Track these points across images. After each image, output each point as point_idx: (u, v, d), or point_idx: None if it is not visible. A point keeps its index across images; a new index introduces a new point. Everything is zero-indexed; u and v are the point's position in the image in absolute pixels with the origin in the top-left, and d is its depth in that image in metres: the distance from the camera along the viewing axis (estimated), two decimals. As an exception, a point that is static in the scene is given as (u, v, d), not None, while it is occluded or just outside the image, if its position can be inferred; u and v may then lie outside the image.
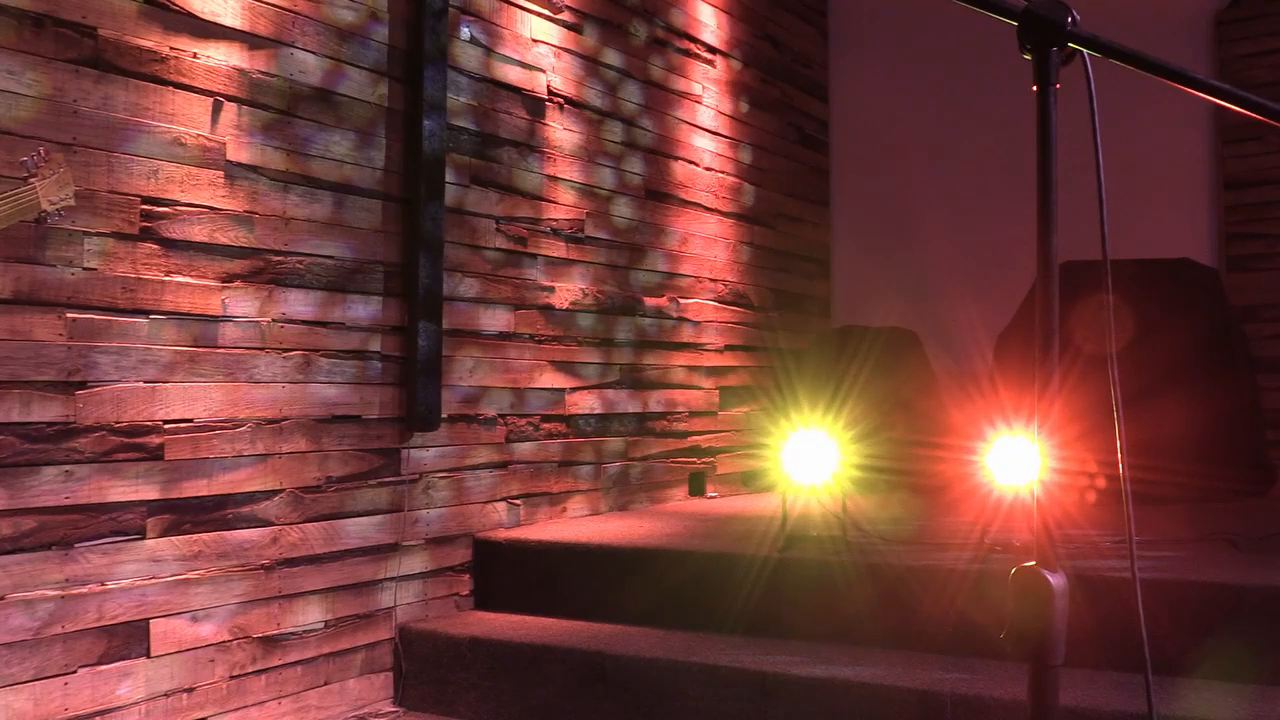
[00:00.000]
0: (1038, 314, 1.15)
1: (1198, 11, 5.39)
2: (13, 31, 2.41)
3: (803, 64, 5.94)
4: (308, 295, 3.07)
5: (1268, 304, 5.17)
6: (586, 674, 2.98)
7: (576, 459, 4.09)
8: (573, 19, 4.17)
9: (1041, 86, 1.15)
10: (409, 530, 3.36)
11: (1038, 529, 1.15)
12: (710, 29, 5.08)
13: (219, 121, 2.84)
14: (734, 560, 3.17)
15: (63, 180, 1.80)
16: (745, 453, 5.13)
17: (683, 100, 4.83)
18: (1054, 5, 1.13)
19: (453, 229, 3.53)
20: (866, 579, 2.98)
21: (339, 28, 3.19)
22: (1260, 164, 5.23)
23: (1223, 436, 4.11)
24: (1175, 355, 4.01)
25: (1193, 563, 2.89)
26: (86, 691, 2.52)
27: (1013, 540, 3.08)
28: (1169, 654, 2.48)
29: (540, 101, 3.97)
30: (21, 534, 2.42)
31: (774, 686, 2.73)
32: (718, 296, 5.03)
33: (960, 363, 5.06)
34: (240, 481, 2.87)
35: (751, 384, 5.22)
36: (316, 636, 3.08)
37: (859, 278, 5.95)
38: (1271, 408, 4.78)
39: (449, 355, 3.50)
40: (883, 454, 4.42)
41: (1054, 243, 1.14)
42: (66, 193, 1.81)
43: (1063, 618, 1.13)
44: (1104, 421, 1.28)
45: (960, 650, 2.79)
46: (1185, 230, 5.31)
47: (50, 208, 1.79)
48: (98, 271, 2.57)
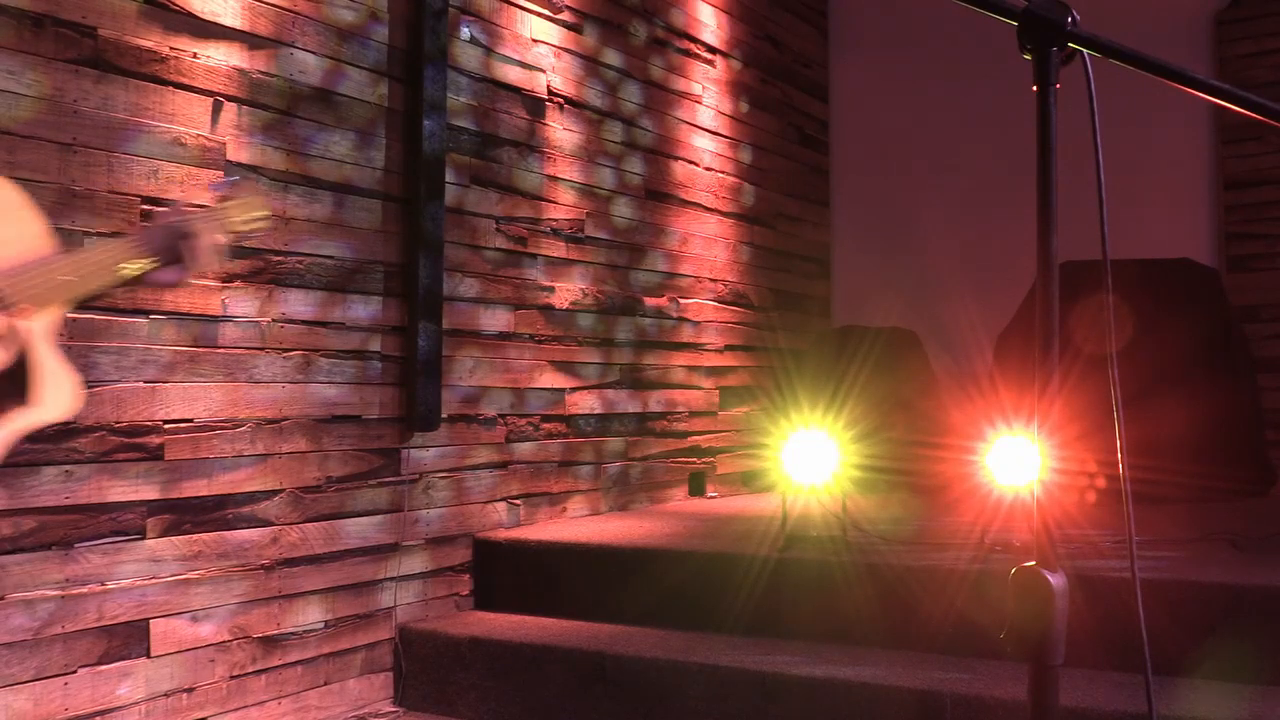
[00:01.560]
0: (1038, 314, 1.15)
1: (1198, 11, 5.39)
2: (13, 31, 2.41)
3: (803, 64, 5.94)
4: (308, 295, 3.07)
5: (1268, 304, 5.17)
6: (586, 674, 2.98)
7: (576, 459, 4.09)
8: (573, 19, 4.17)
9: (1041, 86, 1.14)
10: (409, 530, 3.36)
11: (1038, 529, 1.15)
12: (710, 29, 5.08)
13: (219, 121, 2.84)
14: (734, 560, 3.17)
15: (252, 205, 1.83)
16: (745, 453, 5.13)
17: (683, 100, 4.83)
18: (1054, 5, 1.13)
19: (453, 229, 3.53)
20: (866, 579, 2.98)
21: (339, 28, 3.19)
22: (1260, 164, 5.23)
23: (1223, 436, 4.11)
24: (1175, 355, 4.01)
25: (1193, 563, 2.89)
26: (86, 691, 2.52)
27: (1013, 540, 3.08)
28: (1169, 654, 2.48)
29: (540, 101, 3.97)
30: (21, 534, 2.42)
31: (774, 686, 2.73)
32: (718, 296, 5.03)
33: (960, 363, 5.06)
34: (240, 481, 2.87)
35: (751, 384, 5.22)
36: (316, 636, 3.08)
37: (859, 278, 5.95)
38: (1271, 408, 4.78)
39: (449, 355, 3.50)
40: (883, 454, 4.42)
41: (1054, 243, 1.14)
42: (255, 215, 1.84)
43: (1063, 618, 1.13)
44: (1104, 421, 1.28)
45: (960, 650, 2.79)
46: (1185, 230, 5.31)
47: (244, 228, 1.82)
48: (98, 271, 2.57)
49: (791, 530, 3.27)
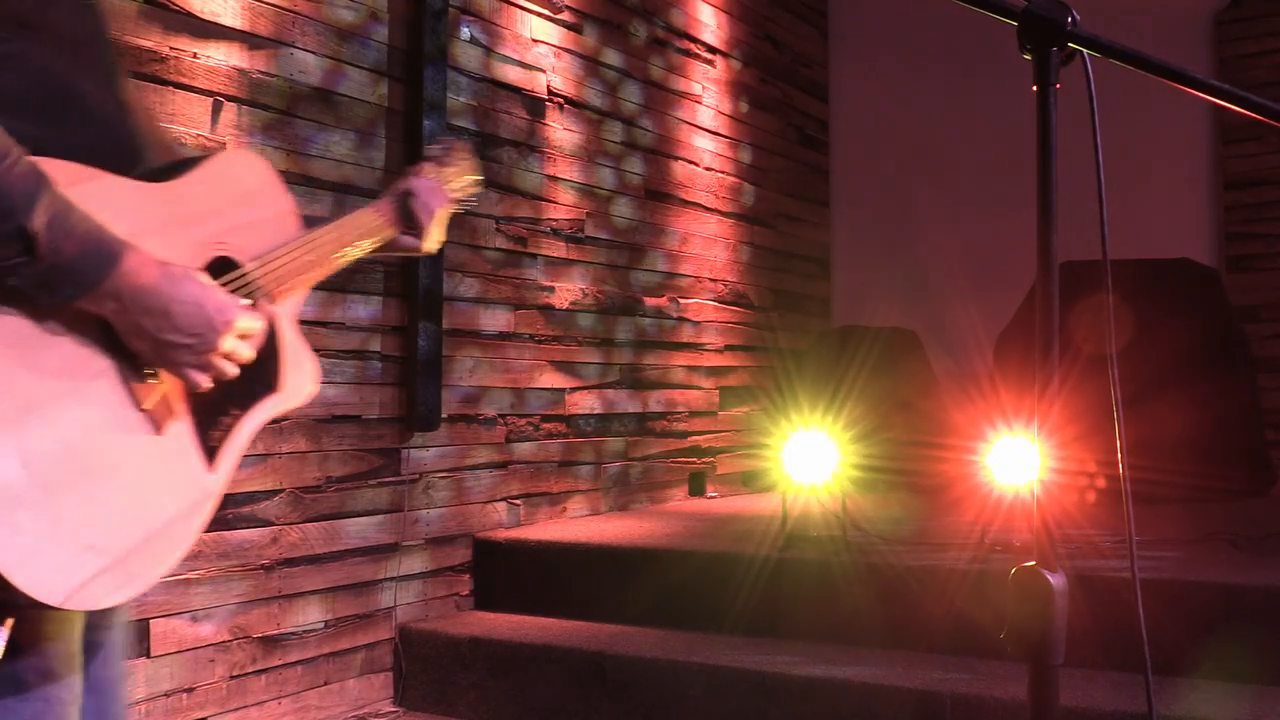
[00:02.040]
0: (1038, 314, 1.15)
1: (1198, 11, 5.39)
2: (13, 31, 2.41)
3: (803, 64, 5.94)
4: (308, 295, 3.07)
5: (1268, 304, 5.17)
6: (586, 674, 2.98)
7: (576, 459, 4.09)
8: (573, 19, 4.17)
9: (1041, 86, 1.14)
10: (409, 530, 3.36)
11: (1038, 529, 1.15)
12: (710, 29, 5.08)
13: (219, 121, 2.84)
14: (734, 560, 3.17)
15: (467, 169, 1.79)
16: (745, 453, 5.13)
17: (683, 100, 4.83)
18: (1054, 5, 1.13)
19: (452, 229, 3.51)
20: (866, 579, 2.98)
21: (339, 28, 3.19)
22: (1260, 164, 5.23)
23: (1223, 436, 4.11)
24: (1175, 355, 4.01)
25: (1193, 563, 2.89)
26: (86, 691, 2.52)
27: (1013, 540, 3.08)
28: (1169, 654, 2.48)
29: (540, 101, 3.97)
30: (21, 534, 2.41)
31: (774, 686, 2.73)
32: (718, 296, 5.03)
33: (960, 363, 5.06)
34: (240, 481, 2.87)
35: (751, 384, 5.22)
36: (316, 636, 3.07)
37: (859, 278, 5.95)
38: (1271, 408, 4.78)
39: (449, 355, 3.50)
40: (883, 454, 4.42)
41: (1054, 243, 1.14)
42: (470, 180, 1.81)
43: (1063, 618, 1.13)
44: (1104, 421, 1.28)
45: (960, 650, 2.79)
46: (1185, 230, 5.31)
47: (460, 194, 1.79)
48: (98, 271, 2.57)
49: (791, 530, 3.27)
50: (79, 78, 1.23)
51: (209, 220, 1.32)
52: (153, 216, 1.24)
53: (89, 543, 1.11)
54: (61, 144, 1.15)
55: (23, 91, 1.16)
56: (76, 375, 1.13)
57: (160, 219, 1.25)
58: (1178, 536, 3.27)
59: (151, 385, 1.20)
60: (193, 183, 1.31)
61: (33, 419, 1.07)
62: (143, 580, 1.17)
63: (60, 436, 1.10)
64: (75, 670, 1.25)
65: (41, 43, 1.19)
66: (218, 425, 1.29)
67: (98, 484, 1.13)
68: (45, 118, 1.17)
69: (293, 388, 1.43)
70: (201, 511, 1.26)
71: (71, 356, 1.12)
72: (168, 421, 1.22)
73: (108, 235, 1.12)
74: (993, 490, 3.09)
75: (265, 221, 1.43)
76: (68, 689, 1.22)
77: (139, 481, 1.18)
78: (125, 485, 1.16)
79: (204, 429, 1.27)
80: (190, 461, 1.25)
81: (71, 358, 1.12)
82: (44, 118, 1.17)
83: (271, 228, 1.43)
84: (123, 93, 1.32)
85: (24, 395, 1.07)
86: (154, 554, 1.19)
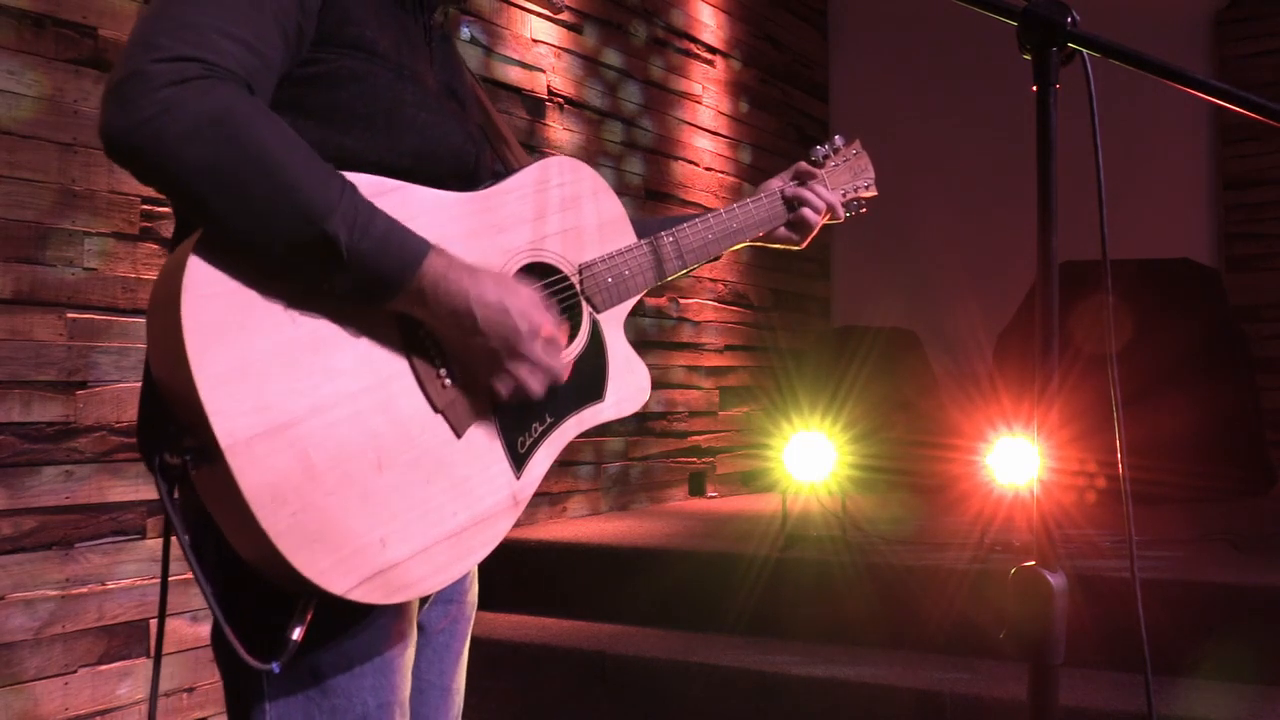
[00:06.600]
0: (1038, 314, 1.15)
1: (1198, 11, 5.40)
2: (13, 31, 2.41)
3: (803, 64, 5.94)
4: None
5: (1268, 304, 5.17)
6: (586, 674, 2.98)
7: (576, 459, 4.09)
8: (573, 19, 4.17)
9: (1041, 86, 1.14)
10: (409, 530, 3.35)
11: (1038, 529, 1.15)
12: (710, 29, 5.08)
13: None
14: (734, 560, 3.17)
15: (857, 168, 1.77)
16: (745, 453, 5.13)
17: (683, 100, 4.83)
18: (1054, 5, 1.13)
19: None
20: (866, 579, 2.98)
21: (339, 28, 3.18)
22: (1260, 164, 5.24)
23: (1223, 436, 4.11)
24: (1175, 355, 4.01)
25: (1193, 563, 2.89)
26: (86, 691, 2.52)
27: (1013, 540, 3.08)
28: (1169, 654, 2.48)
29: (540, 101, 3.97)
30: (22, 534, 2.42)
31: (774, 686, 2.73)
32: (717, 296, 5.03)
33: (960, 363, 5.06)
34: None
35: (751, 384, 5.22)
36: (316, 636, 3.07)
37: (859, 278, 5.95)
38: (1271, 408, 4.78)
39: (449, 355, 3.49)
40: (883, 454, 4.42)
41: (1054, 243, 1.14)
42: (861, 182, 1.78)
43: (1063, 618, 1.13)
44: (1104, 421, 1.28)
45: (960, 650, 2.79)
46: (1185, 230, 5.31)
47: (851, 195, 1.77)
48: (98, 271, 2.57)
49: (791, 530, 3.27)
50: (405, 94, 1.23)
51: (522, 227, 1.30)
52: (460, 224, 1.23)
53: (380, 536, 1.10)
54: (391, 153, 1.18)
55: (354, 106, 1.18)
56: (372, 375, 1.13)
57: (468, 227, 1.24)
58: (1178, 536, 3.27)
59: (447, 387, 1.18)
60: (508, 190, 1.30)
61: (326, 415, 1.08)
62: (427, 584, 1.16)
63: (352, 436, 1.09)
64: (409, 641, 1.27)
65: (374, 63, 1.20)
66: (529, 431, 1.27)
67: (385, 482, 1.12)
68: (373, 129, 1.19)
69: (618, 397, 1.41)
70: (503, 518, 1.25)
71: (367, 357, 1.13)
72: (468, 425, 1.20)
73: (413, 237, 1.12)
74: (993, 490, 3.09)
75: (589, 228, 1.39)
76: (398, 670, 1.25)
77: (428, 483, 1.16)
78: (414, 485, 1.14)
79: (510, 433, 1.25)
80: (491, 466, 1.23)
81: (367, 358, 1.13)
82: (372, 129, 1.19)
83: (597, 234, 1.40)
84: (451, 106, 1.32)
85: (321, 393, 1.08)
86: (453, 554, 1.18)
